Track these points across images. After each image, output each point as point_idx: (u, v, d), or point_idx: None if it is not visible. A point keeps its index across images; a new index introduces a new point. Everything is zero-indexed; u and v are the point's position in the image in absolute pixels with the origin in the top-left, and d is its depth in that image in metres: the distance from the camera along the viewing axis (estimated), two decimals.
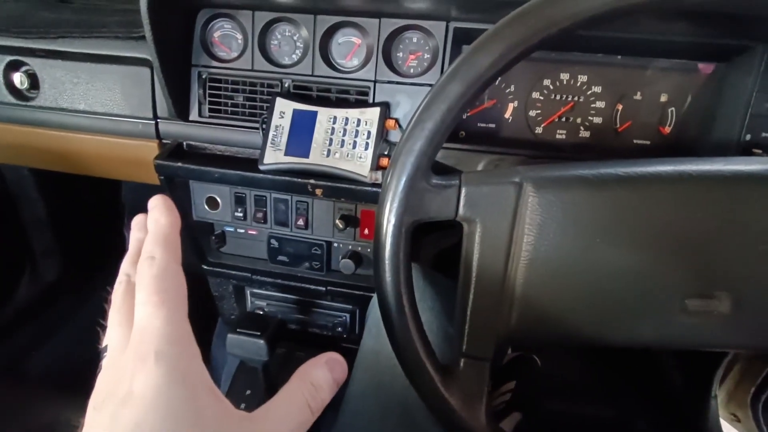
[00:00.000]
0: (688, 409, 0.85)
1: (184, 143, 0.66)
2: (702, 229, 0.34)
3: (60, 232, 1.05)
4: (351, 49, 0.60)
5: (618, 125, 0.61)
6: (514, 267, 0.36)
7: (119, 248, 1.18)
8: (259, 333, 0.58)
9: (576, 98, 0.61)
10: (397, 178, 0.35)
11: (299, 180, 0.57)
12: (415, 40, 0.59)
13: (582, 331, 0.37)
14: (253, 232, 0.70)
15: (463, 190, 0.36)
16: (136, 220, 0.32)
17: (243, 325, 0.59)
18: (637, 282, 0.35)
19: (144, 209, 0.31)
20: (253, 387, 0.67)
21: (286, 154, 0.57)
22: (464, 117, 0.64)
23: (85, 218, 1.12)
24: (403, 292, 0.37)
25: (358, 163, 0.56)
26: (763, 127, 0.53)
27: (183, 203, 0.67)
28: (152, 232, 0.29)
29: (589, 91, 0.61)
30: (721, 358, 0.65)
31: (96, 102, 0.64)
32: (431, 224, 0.37)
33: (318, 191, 0.57)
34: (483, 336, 0.37)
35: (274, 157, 0.57)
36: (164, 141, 0.66)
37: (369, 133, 0.56)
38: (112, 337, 0.26)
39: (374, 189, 0.57)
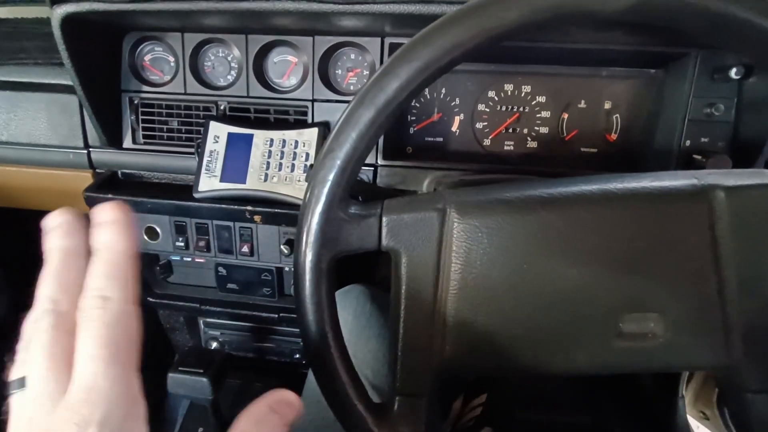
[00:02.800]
0: (658, 410, 0.85)
1: (119, 172, 0.62)
2: (631, 249, 0.33)
3: (8, 267, 0.99)
4: (287, 68, 0.58)
5: (565, 134, 0.61)
6: (443, 297, 0.34)
7: None
8: (201, 370, 0.55)
9: (521, 109, 0.60)
10: (311, 211, 0.33)
11: (236, 207, 0.54)
12: (352, 56, 0.57)
13: (518, 360, 0.35)
14: (201, 260, 0.67)
15: (385, 219, 0.34)
16: (60, 218, 0.25)
17: (185, 362, 0.56)
18: (569, 307, 0.33)
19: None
20: (205, 424, 0.64)
21: (222, 180, 0.55)
22: (411, 132, 0.63)
23: (37, 251, 1.07)
24: (328, 330, 0.34)
25: (297, 186, 0.54)
26: (702, 133, 0.52)
27: None
28: (105, 260, 0.23)
29: (534, 101, 0.60)
30: None
31: (20, 132, 0.60)
32: None
33: (257, 218, 0.54)
34: (416, 371, 0.35)
35: (209, 184, 0.54)
36: (98, 171, 0.63)
37: (307, 154, 0.54)
38: (39, 386, 0.22)
39: None
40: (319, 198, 0.32)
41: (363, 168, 0.57)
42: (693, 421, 0.92)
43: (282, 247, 0.60)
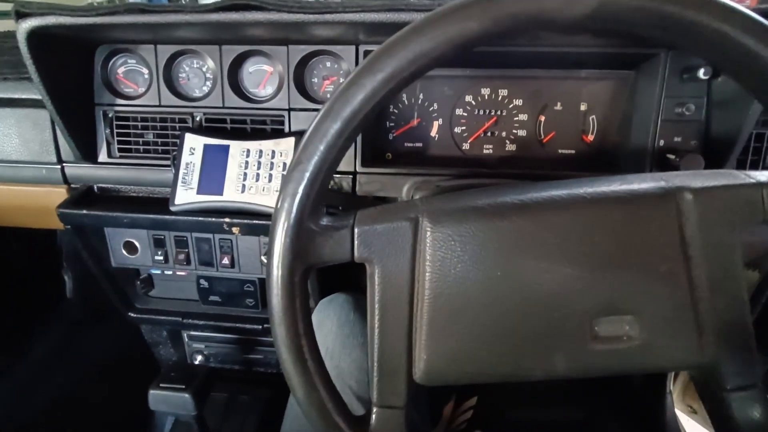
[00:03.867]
0: (647, 406, 0.86)
1: (95, 186, 0.61)
2: (603, 253, 0.33)
3: None
4: (263, 77, 0.58)
5: (542, 136, 0.61)
6: (419, 307, 0.34)
7: (58, 296, 1.11)
8: (183, 386, 0.54)
9: (499, 112, 0.61)
10: (281, 225, 0.32)
11: (214, 219, 0.54)
12: (327, 64, 0.57)
13: (497, 367, 0.35)
14: (182, 273, 0.66)
15: (357, 230, 0.34)
16: None
17: (167, 378, 0.55)
18: (544, 312, 0.33)
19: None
20: None
21: (199, 192, 0.54)
22: (390, 138, 0.63)
23: (16, 268, 1.04)
24: (303, 344, 0.34)
25: (275, 197, 0.53)
26: (675, 132, 0.53)
27: (99, 250, 0.63)
28: None
29: (511, 105, 0.60)
30: None
31: None
32: None
33: (235, 229, 0.54)
34: (394, 382, 0.35)
35: (186, 196, 0.54)
36: (73, 186, 0.62)
37: (284, 164, 0.54)
38: None
39: None
40: (290, 211, 0.32)
41: (342, 175, 0.57)
42: (681, 415, 0.93)
43: (263, 257, 0.59)
